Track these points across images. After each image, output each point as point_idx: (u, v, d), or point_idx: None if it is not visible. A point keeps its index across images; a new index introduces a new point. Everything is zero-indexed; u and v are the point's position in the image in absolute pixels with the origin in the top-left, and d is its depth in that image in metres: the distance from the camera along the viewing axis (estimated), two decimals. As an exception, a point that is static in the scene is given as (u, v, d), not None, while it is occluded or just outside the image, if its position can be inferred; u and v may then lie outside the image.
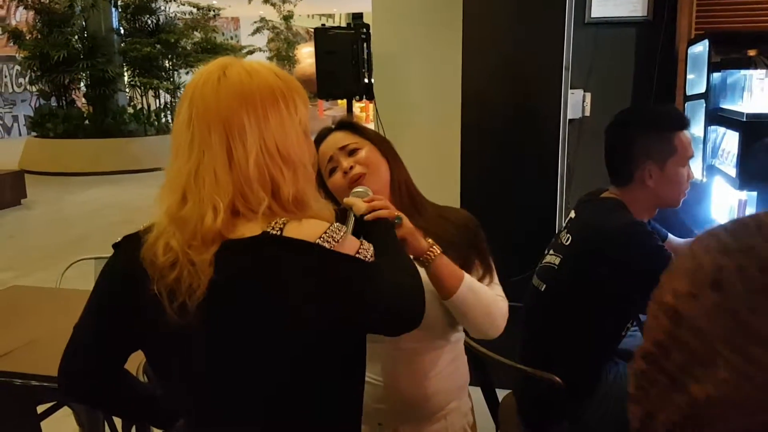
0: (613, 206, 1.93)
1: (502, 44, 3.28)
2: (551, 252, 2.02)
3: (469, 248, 1.52)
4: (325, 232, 1.04)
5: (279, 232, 1.03)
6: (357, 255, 1.06)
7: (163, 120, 12.98)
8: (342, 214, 1.33)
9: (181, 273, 1.01)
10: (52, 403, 2.39)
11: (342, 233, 1.06)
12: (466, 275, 1.44)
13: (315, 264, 1.03)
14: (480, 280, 1.50)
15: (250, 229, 1.04)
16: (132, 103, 13.04)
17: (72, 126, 11.90)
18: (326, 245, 1.03)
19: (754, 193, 2.16)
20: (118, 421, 2.35)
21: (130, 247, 1.09)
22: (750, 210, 2.20)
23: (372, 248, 1.11)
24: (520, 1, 3.25)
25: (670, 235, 2.14)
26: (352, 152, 1.53)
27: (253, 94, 1.05)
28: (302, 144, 1.10)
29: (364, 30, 3.83)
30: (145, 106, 13.01)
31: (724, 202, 2.42)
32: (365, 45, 3.79)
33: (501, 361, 1.91)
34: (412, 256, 1.34)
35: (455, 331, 1.56)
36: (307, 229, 1.04)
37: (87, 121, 12.25)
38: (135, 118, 12.51)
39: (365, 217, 1.31)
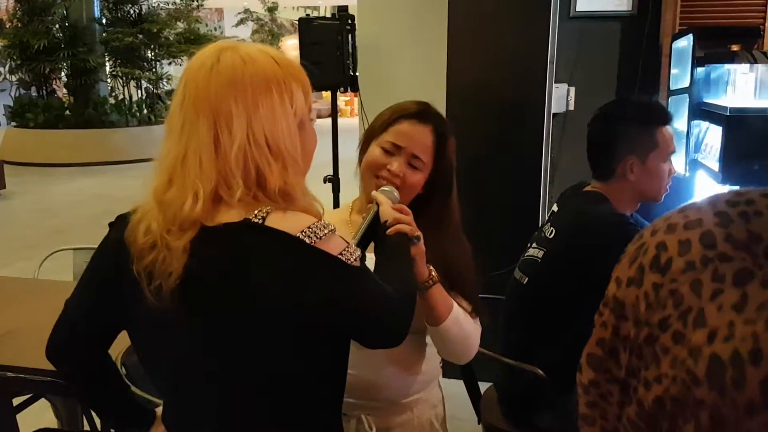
0: (595, 199, 1.93)
1: (487, 38, 3.28)
2: (534, 245, 2.02)
3: (468, 284, 1.51)
4: (309, 227, 1.02)
5: (261, 221, 1.01)
6: (339, 255, 1.03)
7: (145, 111, 12.87)
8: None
9: (158, 257, 1.02)
10: (28, 396, 2.36)
11: (327, 231, 1.03)
12: (455, 306, 1.43)
13: (291, 257, 1.01)
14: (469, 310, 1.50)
15: (232, 215, 1.02)
16: (113, 94, 12.91)
17: (52, 116, 11.77)
18: (307, 240, 1.00)
19: (737, 188, 2.17)
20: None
21: (121, 226, 1.10)
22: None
23: (358, 253, 1.07)
24: (506, -6, 3.24)
25: (653, 229, 2.14)
26: (412, 166, 1.48)
27: (244, 82, 1.03)
28: (294, 136, 1.07)
29: (349, 21, 3.80)
30: (127, 97, 12.90)
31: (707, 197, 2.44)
32: (350, 36, 3.76)
33: (484, 353, 1.91)
34: None
35: (419, 325, 1.53)
36: (291, 221, 1.02)
37: (68, 112, 12.13)
38: (116, 108, 12.39)
39: (388, 230, 1.29)
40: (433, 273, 1.38)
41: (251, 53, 1.06)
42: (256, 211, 1.02)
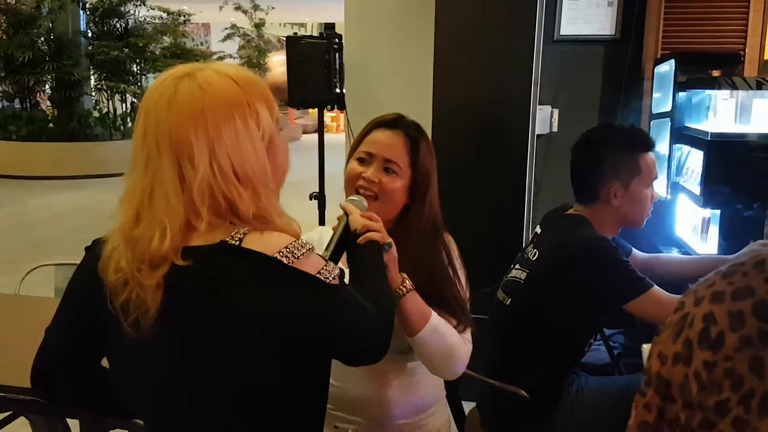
0: (578, 222, 1.95)
1: (472, 60, 3.31)
2: (517, 266, 2.03)
3: (449, 298, 1.48)
4: (286, 247, 1.01)
5: (238, 242, 1.00)
6: (318, 275, 1.02)
7: (129, 125, 12.81)
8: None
9: (131, 294, 1.01)
10: (8, 413, 2.32)
11: (304, 250, 1.02)
12: (434, 315, 1.40)
13: (269, 278, 1.00)
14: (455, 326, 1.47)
15: (208, 238, 1.01)
16: (98, 107, 12.84)
17: (36, 128, 11.67)
18: (284, 260, 1.00)
19: (718, 211, 2.20)
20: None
21: (96, 253, 1.08)
22: (714, 228, 2.24)
23: (337, 271, 1.06)
24: (492, 18, 3.28)
25: (635, 251, 2.17)
26: (388, 170, 1.49)
27: (204, 113, 1.01)
28: (262, 159, 1.05)
29: (337, 40, 3.83)
30: (111, 110, 12.84)
31: (689, 220, 2.46)
32: (338, 55, 3.79)
33: (467, 374, 1.91)
34: None
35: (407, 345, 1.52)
36: (268, 242, 1.01)
37: (51, 124, 12.04)
38: (100, 122, 12.32)
39: (359, 239, 1.29)
40: (406, 281, 1.36)
41: (209, 79, 1.04)
42: (233, 233, 1.01)
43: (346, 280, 1.18)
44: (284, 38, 4.00)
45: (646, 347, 1.76)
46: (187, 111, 1.01)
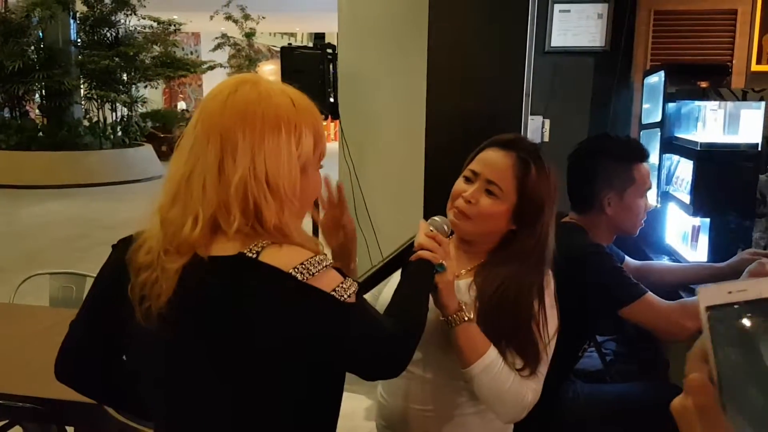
0: (573, 230, 1.99)
1: (465, 70, 3.35)
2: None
3: (522, 337, 1.38)
4: (302, 263, 1.02)
5: (255, 255, 1.02)
6: (333, 292, 1.02)
7: (119, 133, 12.80)
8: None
9: (150, 276, 1.03)
10: (4, 422, 2.32)
11: (321, 267, 1.03)
12: (490, 352, 1.32)
13: (281, 294, 1.01)
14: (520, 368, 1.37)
15: (228, 248, 1.03)
16: (88, 116, 12.82)
17: (25, 138, 11.64)
18: (299, 276, 1.00)
19: (708, 220, 2.24)
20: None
21: (124, 248, 1.11)
22: (703, 236, 2.28)
23: (354, 288, 1.06)
24: (484, 29, 3.33)
25: (627, 258, 2.21)
26: (489, 192, 1.42)
27: (255, 116, 1.05)
28: (295, 177, 1.07)
29: (330, 50, 3.87)
30: (102, 119, 12.82)
31: (678, 228, 2.50)
32: (331, 65, 3.83)
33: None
34: (440, 312, 1.33)
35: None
36: (285, 257, 1.02)
37: (41, 133, 12.01)
38: (90, 131, 12.30)
39: (411, 256, 1.29)
40: (463, 311, 1.31)
41: (269, 90, 1.08)
42: (252, 245, 1.03)
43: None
44: (274, 47, 4.04)
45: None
46: (240, 110, 1.05)
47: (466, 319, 1.31)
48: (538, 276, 1.42)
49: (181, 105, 16.72)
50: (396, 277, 1.36)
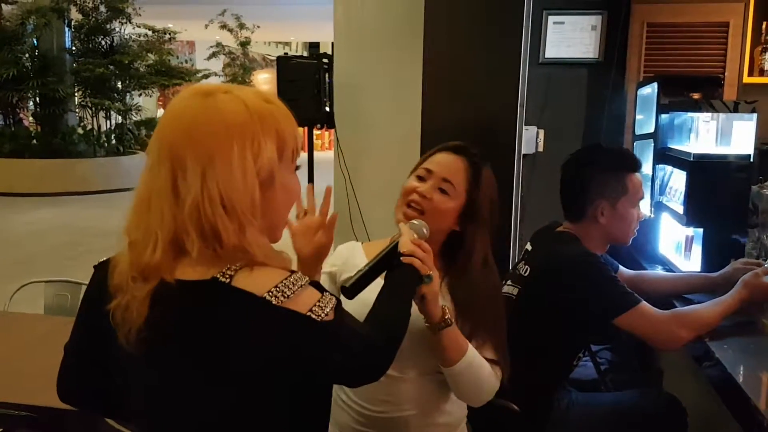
0: (568, 239, 2.01)
1: (460, 80, 3.38)
2: (509, 282, 2.08)
3: (488, 329, 1.51)
4: (276, 286, 0.99)
5: (228, 280, 0.99)
6: (309, 312, 1.01)
7: (113, 141, 12.78)
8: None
9: (123, 300, 1.02)
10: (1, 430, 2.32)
11: (296, 288, 1.01)
12: (470, 349, 1.43)
13: (256, 319, 0.99)
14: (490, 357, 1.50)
15: (196, 272, 1.01)
16: (82, 124, 12.80)
17: (19, 145, 11.61)
18: (273, 300, 0.98)
19: (701, 230, 2.26)
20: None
21: (103, 269, 1.11)
22: (696, 246, 2.30)
23: (333, 303, 1.05)
24: (479, 40, 3.36)
25: (621, 267, 2.23)
26: (443, 190, 1.52)
27: (202, 134, 1.00)
28: (252, 195, 1.01)
29: (326, 60, 3.90)
30: (96, 127, 12.80)
31: (672, 238, 2.53)
32: (327, 75, 3.86)
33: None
34: (425, 318, 1.37)
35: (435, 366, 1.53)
36: (258, 280, 1.00)
37: (35, 141, 11.98)
38: (84, 138, 12.28)
39: (402, 258, 1.30)
40: (447, 315, 1.37)
41: (222, 103, 1.02)
42: (224, 269, 1.00)
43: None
44: (269, 56, 4.06)
45: None
46: (187, 128, 1.01)
47: (450, 324, 1.38)
48: (495, 277, 1.57)
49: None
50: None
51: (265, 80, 15.91)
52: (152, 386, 1.08)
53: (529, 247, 2.13)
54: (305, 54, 4.13)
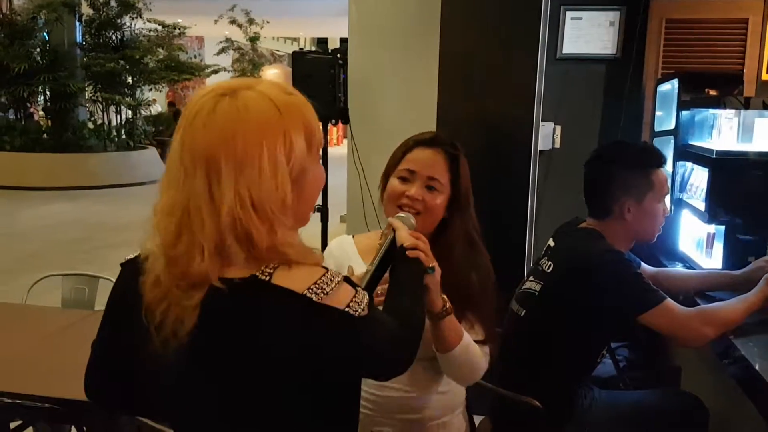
0: (592, 235, 2.00)
1: (477, 76, 3.36)
2: (531, 278, 2.07)
3: (476, 309, 1.55)
4: (315, 283, 1.01)
5: (268, 277, 1.01)
6: (347, 308, 1.02)
7: (123, 136, 12.82)
8: None
9: (168, 311, 1.02)
10: (17, 423, 2.33)
11: (333, 284, 1.02)
12: (465, 335, 1.47)
13: (299, 315, 1.00)
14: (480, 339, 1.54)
15: (238, 271, 1.01)
16: (92, 119, 12.84)
17: (30, 139, 11.67)
18: (314, 297, 1.00)
19: (722, 227, 2.25)
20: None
21: (132, 269, 1.10)
22: (718, 243, 2.28)
23: (366, 298, 1.06)
24: (496, 35, 3.34)
25: (643, 264, 2.21)
26: (430, 188, 1.55)
27: (235, 138, 0.99)
28: (283, 194, 1.02)
29: (341, 56, 3.89)
30: (106, 122, 12.84)
31: (692, 235, 2.51)
32: (342, 70, 3.85)
33: (482, 385, 1.94)
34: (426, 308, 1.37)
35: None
36: (297, 277, 1.01)
37: (45, 135, 12.03)
38: (95, 133, 12.32)
39: (407, 252, 1.32)
40: (447, 304, 1.41)
41: (249, 101, 1.02)
42: (263, 267, 1.01)
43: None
44: (278, 52, 4.06)
45: None
46: (220, 132, 1.00)
47: (450, 312, 1.41)
48: (483, 258, 1.60)
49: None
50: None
51: (274, 75, 15.86)
52: (192, 384, 1.09)
53: (551, 243, 2.12)
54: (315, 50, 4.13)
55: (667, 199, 2.09)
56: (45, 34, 12.08)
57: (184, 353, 1.03)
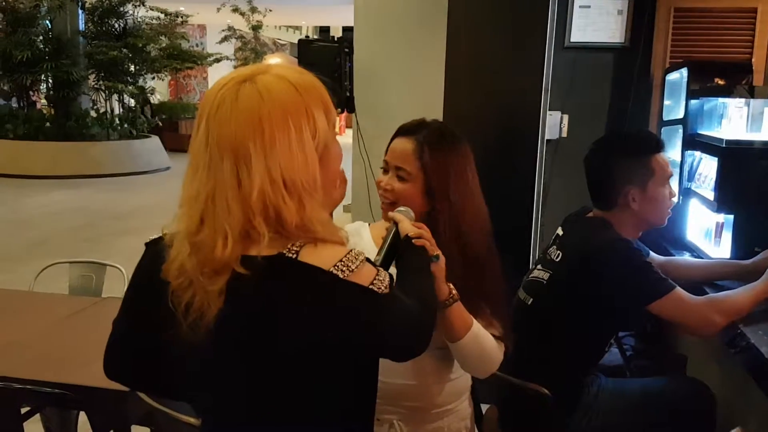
0: (601, 224, 1.99)
1: (484, 65, 3.36)
2: (539, 267, 2.07)
3: (487, 298, 1.53)
4: (341, 260, 1.03)
5: (294, 255, 1.03)
6: (371, 285, 1.05)
7: (126, 125, 12.81)
8: None
9: (194, 297, 1.04)
10: (27, 409, 2.34)
11: (358, 262, 1.05)
12: (475, 323, 1.46)
13: (326, 292, 1.02)
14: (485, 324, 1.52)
15: (265, 248, 1.03)
16: (95, 107, 12.83)
17: (32, 128, 11.67)
18: (340, 274, 1.02)
19: (731, 217, 2.24)
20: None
21: (156, 249, 1.11)
22: (727, 233, 2.28)
23: (388, 278, 1.09)
24: (503, 23, 3.34)
25: (651, 253, 2.21)
26: (401, 177, 1.55)
27: (261, 120, 1.02)
28: (313, 169, 1.05)
29: (347, 44, 3.88)
30: (109, 110, 12.83)
31: (701, 224, 2.51)
32: (348, 59, 3.84)
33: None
34: None
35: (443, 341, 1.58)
36: (324, 255, 1.03)
37: (48, 124, 12.03)
38: (98, 121, 12.32)
39: (414, 240, 1.32)
40: (453, 292, 1.41)
41: (269, 85, 1.04)
42: (289, 245, 1.03)
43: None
44: (280, 41, 4.05)
45: None
46: (247, 118, 1.02)
47: (457, 299, 1.41)
48: (479, 244, 1.55)
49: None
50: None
51: (276, 64, 15.84)
52: (221, 366, 1.09)
53: (560, 231, 2.12)
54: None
55: (673, 186, 2.08)
56: (48, 21, 12.04)
57: (212, 336, 1.04)
